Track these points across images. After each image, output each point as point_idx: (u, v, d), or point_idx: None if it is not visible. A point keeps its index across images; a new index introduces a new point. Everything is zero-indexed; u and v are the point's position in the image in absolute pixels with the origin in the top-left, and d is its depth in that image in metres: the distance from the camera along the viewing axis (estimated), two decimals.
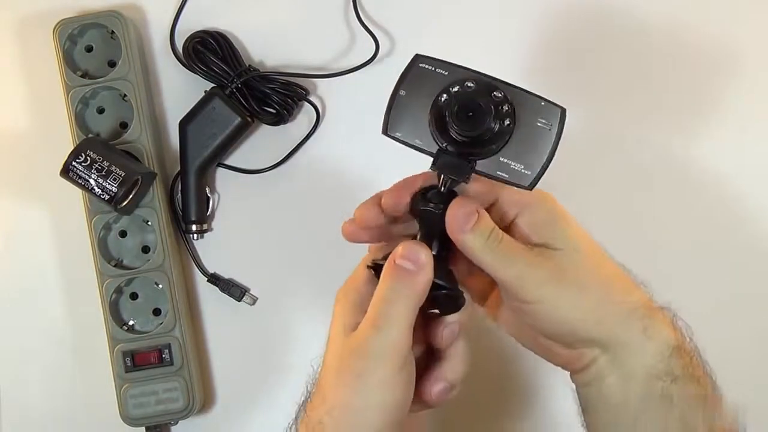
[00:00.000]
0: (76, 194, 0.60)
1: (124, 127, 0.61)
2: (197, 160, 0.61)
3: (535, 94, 0.39)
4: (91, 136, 0.60)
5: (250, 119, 0.62)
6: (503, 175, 0.40)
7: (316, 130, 0.64)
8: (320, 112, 0.64)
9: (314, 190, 0.64)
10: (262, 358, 0.63)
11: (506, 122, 0.39)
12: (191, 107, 0.61)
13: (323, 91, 0.64)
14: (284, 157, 0.63)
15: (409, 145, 0.41)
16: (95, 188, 0.56)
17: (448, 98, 0.39)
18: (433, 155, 0.40)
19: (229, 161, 0.64)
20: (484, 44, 0.64)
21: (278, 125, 0.63)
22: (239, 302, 0.63)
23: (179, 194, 0.63)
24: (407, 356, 0.39)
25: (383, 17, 0.64)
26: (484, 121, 0.38)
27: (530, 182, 0.39)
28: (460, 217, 0.39)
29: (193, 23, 0.64)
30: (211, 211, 0.63)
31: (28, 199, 0.64)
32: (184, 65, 0.63)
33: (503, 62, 0.63)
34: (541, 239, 0.41)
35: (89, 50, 0.62)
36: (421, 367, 0.42)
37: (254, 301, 0.63)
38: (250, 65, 0.63)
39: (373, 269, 0.42)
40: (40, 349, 0.63)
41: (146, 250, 0.61)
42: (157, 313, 0.61)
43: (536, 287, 0.39)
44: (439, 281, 0.40)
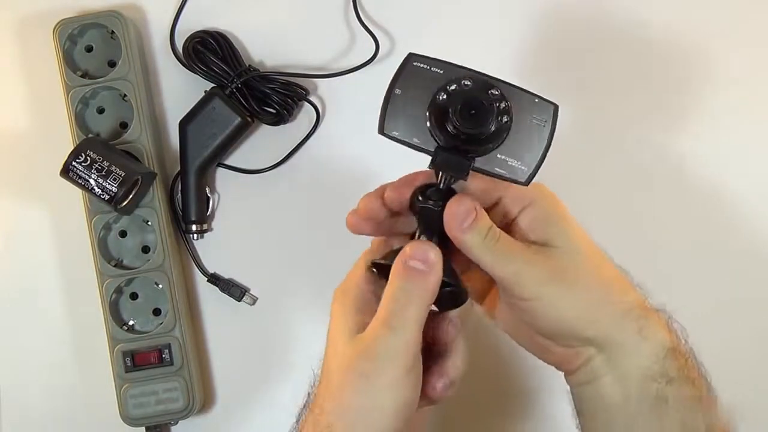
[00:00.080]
0: (76, 194, 0.60)
1: (124, 127, 0.61)
2: (197, 160, 0.61)
3: (528, 91, 0.40)
4: (91, 136, 0.60)
5: (250, 119, 0.62)
6: (500, 171, 0.40)
7: (316, 130, 0.64)
8: (320, 112, 0.64)
9: (314, 190, 0.64)
10: (262, 358, 0.63)
11: (504, 119, 0.39)
12: (191, 107, 0.62)
13: (323, 91, 0.64)
14: (284, 157, 0.63)
15: (406, 143, 0.41)
16: (95, 188, 0.56)
17: (448, 96, 0.39)
18: (431, 153, 0.40)
19: (229, 161, 0.64)
20: (484, 44, 0.64)
21: (278, 125, 0.63)
22: (239, 302, 0.63)
23: (179, 194, 0.63)
24: (417, 355, 0.39)
25: (383, 17, 0.64)
26: (487, 118, 0.38)
27: (526, 178, 0.40)
28: (457, 214, 0.39)
29: (193, 23, 0.64)
30: (211, 211, 0.63)
31: (28, 199, 0.64)
32: (184, 65, 0.63)
33: (503, 62, 0.63)
34: (541, 237, 0.41)
35: (89, 50, 0.62)
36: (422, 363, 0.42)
37: (254, 301, 0.63)
38: (250, 65, 0.63)
39: (375, 269, 0.42)
40: (40, 349, 0.63)
41: (146, 250, 0.61)
42: (157, 313, 0.61)
43: (534, 284, 0.39)
44: (444, 278, 0.40)
